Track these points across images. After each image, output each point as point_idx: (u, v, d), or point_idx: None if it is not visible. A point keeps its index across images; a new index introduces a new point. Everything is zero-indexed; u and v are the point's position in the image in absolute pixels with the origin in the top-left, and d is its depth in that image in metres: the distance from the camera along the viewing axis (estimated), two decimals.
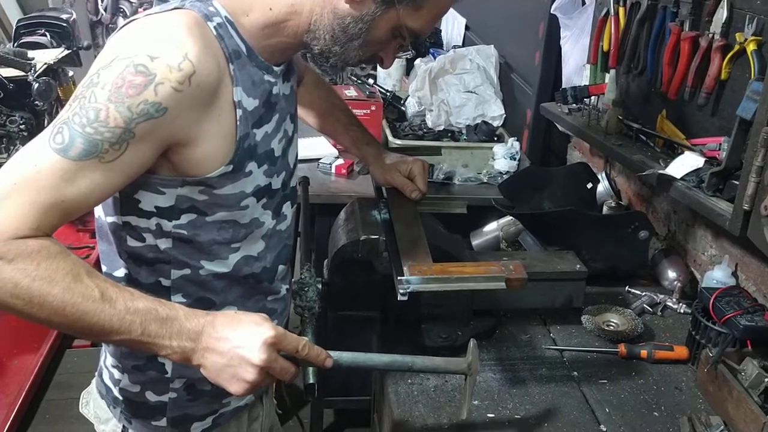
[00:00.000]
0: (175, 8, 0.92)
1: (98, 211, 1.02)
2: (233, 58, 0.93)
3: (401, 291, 1.07)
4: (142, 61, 0.84)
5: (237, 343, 0.85)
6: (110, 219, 1.01)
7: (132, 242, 1.00)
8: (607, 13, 1.67)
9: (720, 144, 1.31)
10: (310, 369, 1.07)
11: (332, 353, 0.94)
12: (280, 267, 1.14)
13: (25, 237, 0.80)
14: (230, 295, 1.07)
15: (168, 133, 0.88)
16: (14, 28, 3.65)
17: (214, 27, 0.92)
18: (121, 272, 1.03)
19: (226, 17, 0.94)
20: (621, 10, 1.62)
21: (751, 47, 1.22)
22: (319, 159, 2.26)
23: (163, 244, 1.00)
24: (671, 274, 1.56)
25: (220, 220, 1.00)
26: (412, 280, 1.08)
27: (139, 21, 0.91)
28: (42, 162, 0.82)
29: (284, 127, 1.07)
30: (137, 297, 0.84)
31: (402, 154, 1.42)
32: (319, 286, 1.24)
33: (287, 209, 1.13)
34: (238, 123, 0.94)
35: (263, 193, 1.03)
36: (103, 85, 0.84)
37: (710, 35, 1.33)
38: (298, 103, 1.23)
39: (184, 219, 0.99)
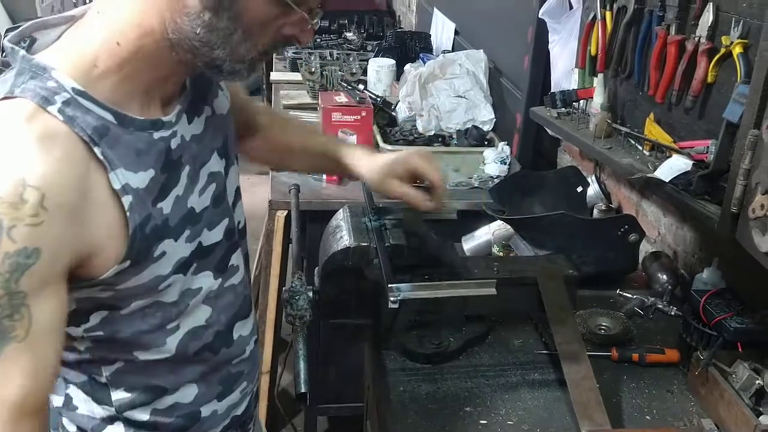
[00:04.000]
0: (2, 98, 0.73)
1: None
2: (97, 138, 0.75)
3: (392, 299, 1.06)
4: None
5: None
6: None
7: None
8: (594, 17, 1.67)
9: (708, 147, 1.31)
10: (302, 378, 1.06)
11: None
12: (239, 324, 1.01)
13: None
14: (184, 377, 0.96)
15: (61, 267, 0.74)
16: (1, 35, 3.64)
17: (59, 110, 0.73)
18: None
19: (73, 89, 0.75)
20: (608, 14, 1.63)
21: (737, 50, 1.23)
22: None
23: (81, 345, 0.88)
24: (662, 276, 1.56)
25: (139, 308, 0.86)
26: (402, 287, 1.08)
27: None
28: None
29: (205, 172, 0.91)
30: None
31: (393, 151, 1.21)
32: (310, 294, 1.24)
33: (237, 258, 0.99)
34: (128, 213, 0.78)
35: (191, 261, 0.89)
36: None
37: (696, 39, 1.33)
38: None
39: (95, 319, 0.85)
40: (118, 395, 0.93)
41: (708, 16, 1.30)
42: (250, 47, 0.79)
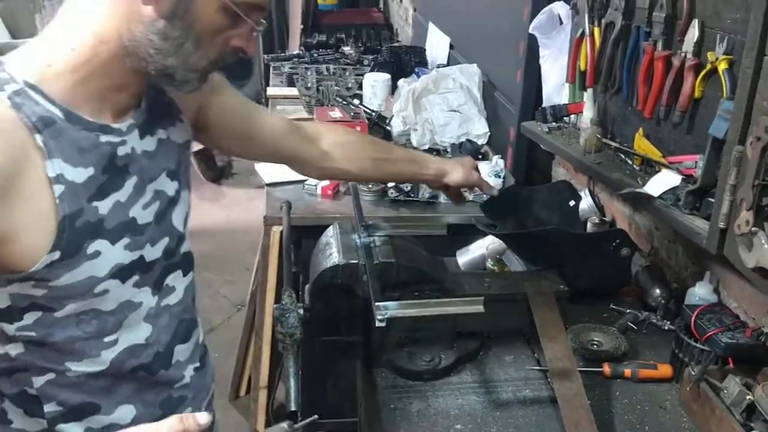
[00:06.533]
0: None
1: None
2: (41, 127, 0.79)
3: (379, 317, 1.07)
4: None
5: None
6: None
7: None
8: (583, 32, 1.68)
9: (696, 162, 1.31)
10: (292, 396, 1.06)
11: None
12: (178, 347, 1.02)
13: None
14: (119, 395, 0.95)
15: None
16: None
17: (9, 96, 0.78)
18: None
19: (25, 82, 0.80)
20: (596, 30, 1.64)
21: (722, 66, 1.23)
22: (305, 180, 2.26)
23: (14, 350, 0.88)
24: (655, 290, 1.56)
25: (74, 312, 0.87)
26: (389, 306, 1.08)
27: None
28: None
29: (152, 188, 0.94)
30: None
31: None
32: (300, 311, 1.24)
33: (175, 280, 1.01)
34: (57, 201, 0.80)
35: (130, 270, 0.91)
36: None
37: (683, 54, 1.34)
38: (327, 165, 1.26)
39: (29, 318, 0.86)
40: (50, 408, 0.92)
41: (694, 32, 1.31)
42: (201, 56, 0.85)
